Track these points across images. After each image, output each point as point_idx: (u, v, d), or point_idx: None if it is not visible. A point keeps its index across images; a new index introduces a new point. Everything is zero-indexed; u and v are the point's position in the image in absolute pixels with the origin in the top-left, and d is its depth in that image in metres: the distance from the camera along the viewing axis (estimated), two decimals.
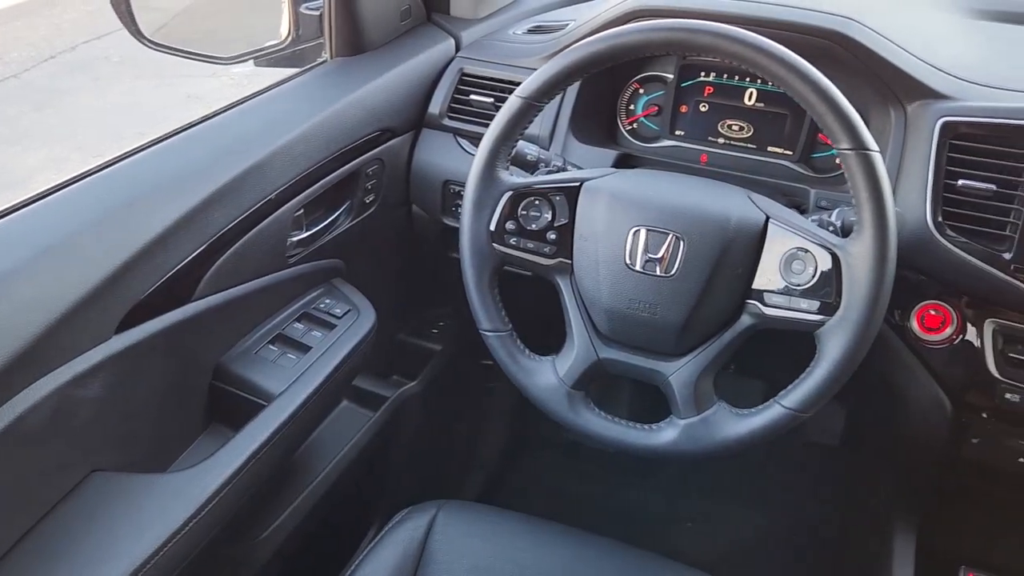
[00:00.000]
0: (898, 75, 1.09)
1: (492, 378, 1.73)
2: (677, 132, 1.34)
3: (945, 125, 1.05)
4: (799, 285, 0.94)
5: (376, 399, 1.51)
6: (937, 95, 1.08)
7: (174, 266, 0.99)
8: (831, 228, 0.99)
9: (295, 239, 1.22)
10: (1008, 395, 1.04)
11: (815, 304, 0.93)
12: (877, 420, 1.40)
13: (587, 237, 1.02)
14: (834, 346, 0.92)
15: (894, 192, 1.08)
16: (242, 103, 1.21)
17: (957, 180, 1.03)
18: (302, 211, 1.21)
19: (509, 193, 1.04)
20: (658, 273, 0.98)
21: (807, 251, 0.94)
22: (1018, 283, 0.99)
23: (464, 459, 1.94)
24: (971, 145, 1.04)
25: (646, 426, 1.02)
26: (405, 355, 1.65)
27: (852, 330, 0.90)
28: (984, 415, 1.09)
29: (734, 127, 1.30)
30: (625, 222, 0.99)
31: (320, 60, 1.35)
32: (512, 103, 1.02)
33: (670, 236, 0.97)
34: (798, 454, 1.96)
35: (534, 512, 1.92)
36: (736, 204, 0.98)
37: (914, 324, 1.08)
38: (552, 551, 1.13)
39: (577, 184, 1.04)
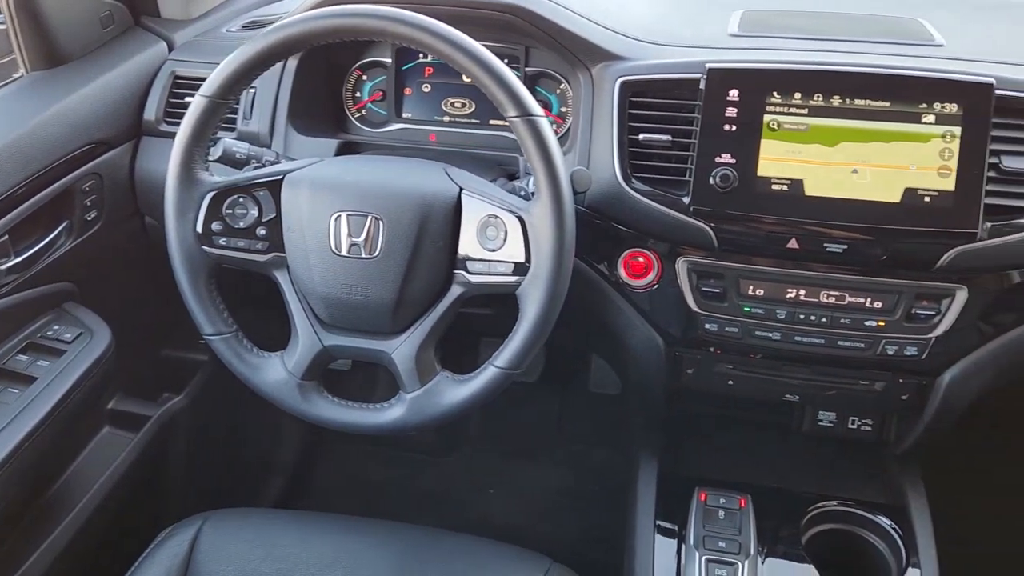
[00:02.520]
0: (577, 41, 1.16)
1: None
2: (404, 115, 1.36)
3: (623, 84, 1.12)
4: (494, 250, 0.99)
5: (138, 420, 1.46)
6: (616, 57, 1.15)
7: None
8: (522, 193, 1.04)
9: (3, 267, 1.15)
10: (707, 325, 1.14)
11: (509, 266, 0.98)
12: (611, 362, 1.50)
13: (294, 228, 1.03)
14: (531, 304, 0.97)
15: (588, 150, 1.15)
16: None
17: (639, 134, 1.11)
18: (7, 237, 1.15)
19: (210, 194, 1.03)
20: (363, 256, 1.00)
21: (498, 217, 0.98)
22: (698, 223, 1.08)
23: (260, 466, 1.91)
24: (648, 100, 1.12)
25: (377, 405, 1.05)
26: (171, 370, 1.60)
27: (544, 287, 0.96)
28: (692, 347, 1.18)
29: (456, 104, 1.34)
30: (326, 209, 1.01)
31: (16, 76, 1.28)
32: (197, 103, 1.01)
33: (369, 218, 0.99)
34: (587, 406, 2.06)
35: (342, 507, 1.93)
36: (430, 180, 1.02)
37: (621, 272, 1.16)
38: (321, 542, 1.14)
39: (279, 177, 1.04)
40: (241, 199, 1.04)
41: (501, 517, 1.90)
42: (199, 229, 1.03)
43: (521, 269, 0.98)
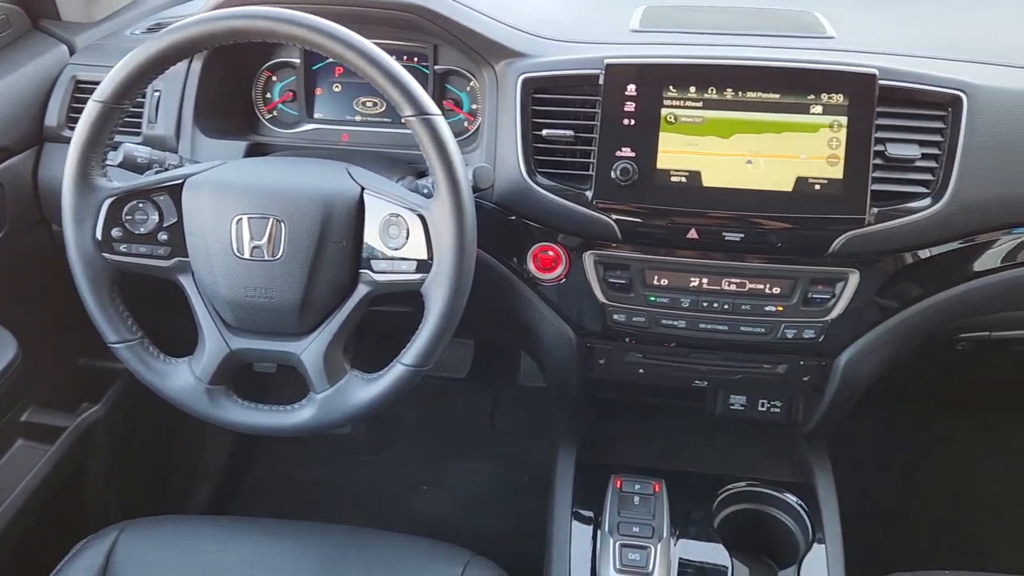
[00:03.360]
0: (479, 39, 1.17)
1: None
2: (316, 115, 1.36)
3: (525, 81, 1.13)
4: (397, 249, 1.00)
5: (54, 431, 1.43)
6: (517, 54, 1.17)
7: None
8: (425, 192, 1.05)
9: None
10: (615, 316, 1.16)
11: (413, 264, 0.99)
12: (529, 354, 1.52)
13: (196, 233, 1.02)
14: (436, 300, 0.98)
15: (494, 147, 1.16)
16: None
17: (542, 130, 1.12)
18: None
19: (109, 200, 1.02)
20: (266, 258, 1.00)
21: (399, 216, 0.99)
22: (601, 216, 1.10)
23: (188, 472, 1.89)
24: (550, 96, 1.13)
25: (288, 407, 1.05)
26: (89, 380, 1.57)
27: (447, 283, 0.97)
28: (602, 338, 1.21)
29: (368, 104, 1.34)
30: (227, 212, 1.00)
31: None
32: (90, 109, 0.99)
33: (271, 220, 0.99)
34: (518, 400, 2.08)
35: (274, 510, 1.92)
36: (332, 180, 1.02)
37: (531, 266, 1.18)
38: (242, 547, 1.14)
39: (179, 181, 1.03)
40: (141, 204, 1.03)
41: (433, 513, 1.91)
42: (98, 236, 1.02)
43: (424, 266, 0.99)
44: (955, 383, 1.54)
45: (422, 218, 0.98)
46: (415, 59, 1.31)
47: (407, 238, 0.99)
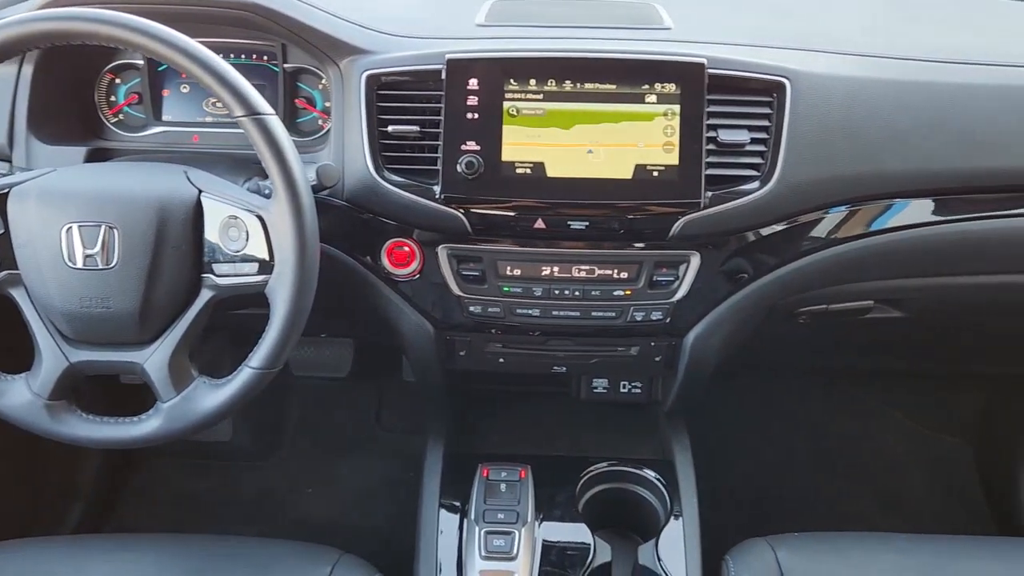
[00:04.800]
0: (320, 36, 1.16)
1: None
2: (165, 117, 1.32)
3: (368, 77, 1.13)
4: (238, 251, 0.98)
5: None
6: (361, 51, 1.16)
7: None
8: (266, 192, 1.04)
9: None
10: (471, 308, 1.18)
11: (255, 266, 0.98)
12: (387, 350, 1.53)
13: (25, 244, 0.99)
14: (280, 301, 0.98)
15: (342, 144, 1.16)
16: None
17: (388, 126, 1.13)
18: None
19: None
20: (100, 266, 0.97)
21: (238, 218, 0.98)
22: (450, 210, 1.11)
23: (59, 490, 1.82)
24: (394, 93, 1.14)
25: (133, 418, 1.03)
26: None
27: (290, 284, 0.97)
28: (460, 329, 1.22)
29: (218, 104, 1.32)
30: (56, 221, 0.97)
31: None
32: None
33: (103, 227, 0.97)
34: (403, 395, 2.08)
35: (154, 524, 1.86)
36: (168, 183, 1.00)
37: (385, 262, 1.18)
38: (99, 566, 1.11)
39: (3, 191, 0.99)
40: None
41: (320, 515, 1.90)
42: None
43: (266, 268, 0.98)
44: (805, 354, 1.62)
45: (261, 219, 0.97)
46: (264, 57, 1.29)
47: (247, 240, 0.98)
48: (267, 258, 0.98)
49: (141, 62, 1.30)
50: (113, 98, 1.33)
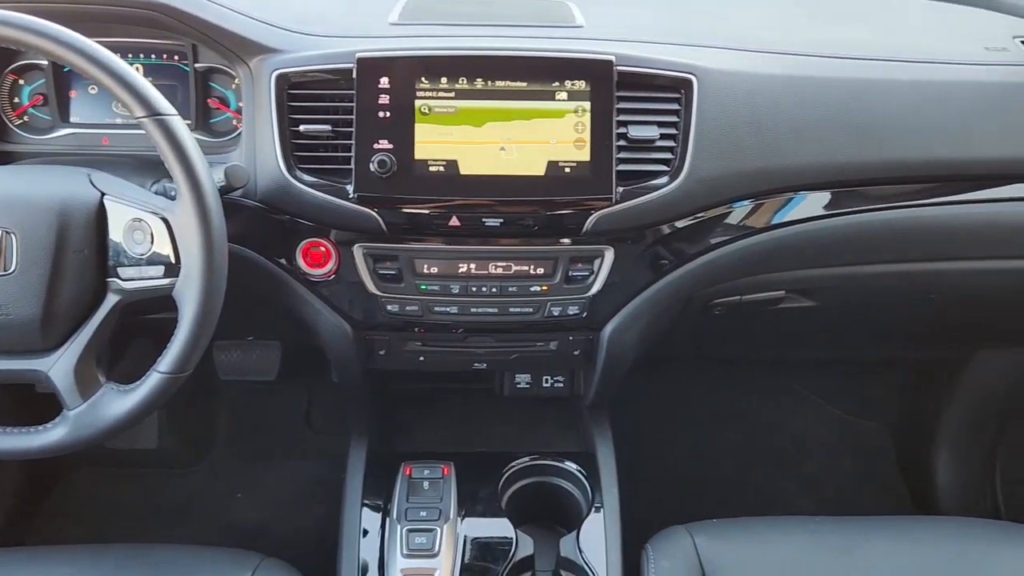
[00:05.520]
0: (228, 36, 1.15)
1: None
2: (73, 119, 1.29)
3: (278, 77, 1.12)
4: (143, 254, 0.97)
5: None
6: (270, 50, 1.15)
7: None
8: (172, 194, 1.03)
9: None
10: (389, 307, 1.18)
11: (160, 269, 0.97)
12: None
13: None
14: (188, 304, 0.96)
15: (253, 144, 1.15)
16: None
17: (300, 126, 1.12)
18: None
19: None
20: None
21: (142, 220, 0.96)
22: (364, 210, 1.11)
23: None
24: (306, 92, 1.13)
25: (38, 427, 1.00)
26: None
27: (198, 286, 0.95)
28: (378, 329, 1.22)
29: None
30: None
31: None
32: None
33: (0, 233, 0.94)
34: (333, 396, 2.07)
35: (78, 536, 1.82)
36: (69, 187, 0.98)
37: (301, 262, 1.17)
38: None
39: None
40: None
41: (250, 520, 1.87)
42: None
43: (173, 270, 0.96)
44: (725, 345, 1.66)
45: (166, 221, 0.96)
46: (175, 57, 1.27)
47: (152, 242, 0.96)
48: (173, 260, 0.96)
49: (45, 62, 1.27)
50: (17, 100, 1.29)
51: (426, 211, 1.11)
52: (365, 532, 1.21)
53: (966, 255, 1.26)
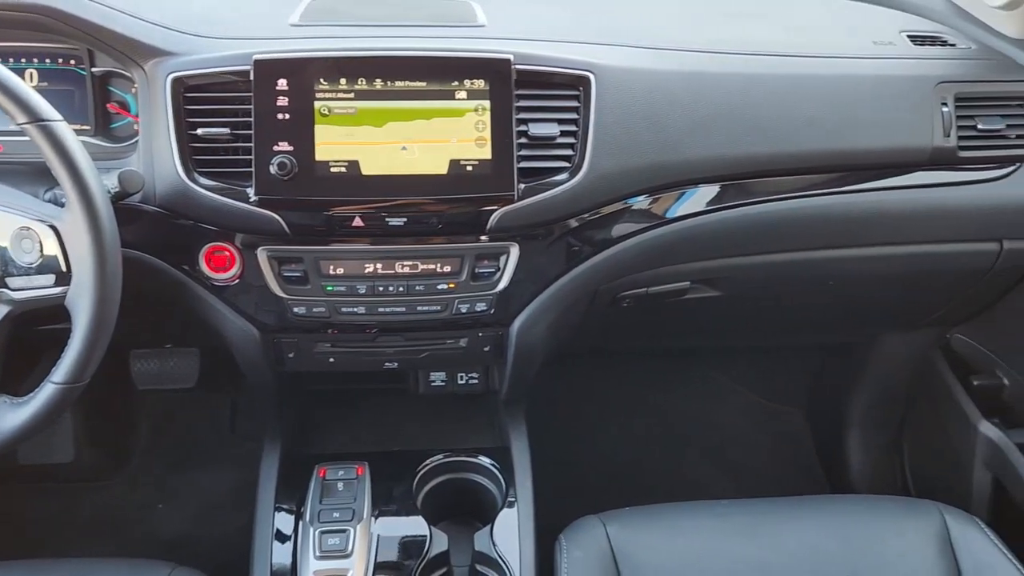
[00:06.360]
0: (120, 39, 1.13)
1: None
2: None
3: (174, 80, 1.11)
4: (32, 263, 0.95)
5: None
6: (165, 53, 1.14)
7: None
8: (63, 201, 1.01)
9: None
10: (295, 309, 1.17)
11: (51, 278, 0.95)
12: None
13: None
14: (81, 313, 0.95)
15: (151, 149, 1.13)
16: None
17: (198, 129, 1.11)
18: None
19: None
20: None
21: (30, 228, 0.95)
22: (266, 212, 1.10)
23: None
24: (203, 95, 1.12)
25: None
26: None
27: (90, 294, 0.94)
28: (286, 331, 1.22)
29: None
30: None
31: None
32: None
33: None
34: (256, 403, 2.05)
35: None
36: None
37: (204, 267, 1.16)
38: None
39: None
40: None
41: (170, 531, 1.84)
42: None
43: (64, 279, 0.95)
44: (639, 336, 1.69)
45: (54, 228, 0.94)
46: (72, 62, 1.24)
47: (41, 251, 0.94)
48: (64, 269, 0.94)
49: None
50: None
51: (329, 212, 1.11)
52: (280, 536, 1.20)
53: (857, 242, 1.31)
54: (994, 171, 1.29)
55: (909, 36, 1.39)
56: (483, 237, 1.16)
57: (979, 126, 1.28)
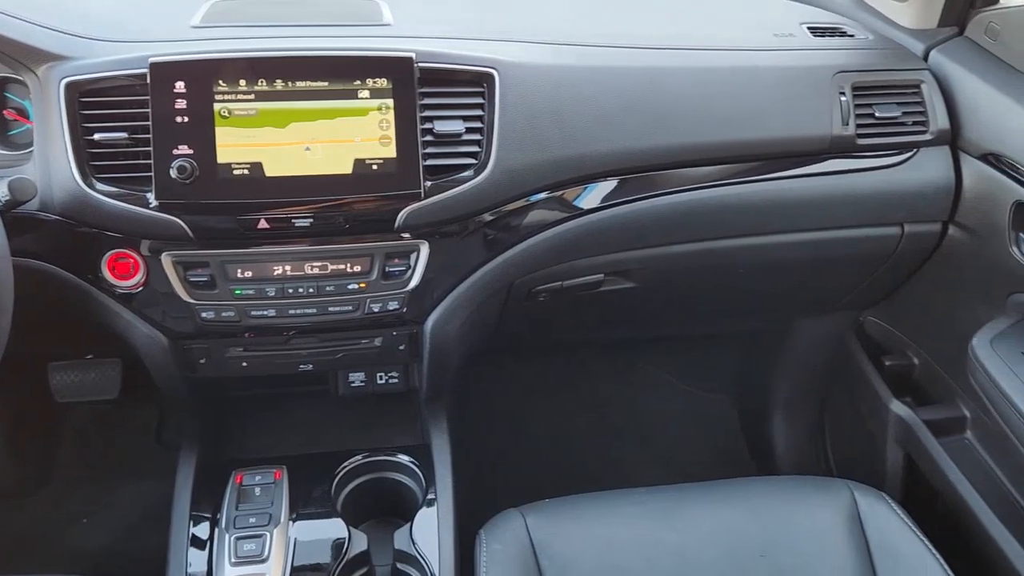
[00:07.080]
0: (8, 43, 1.10)
1: None
2: None
3: (68, 85, 1.08)
4: None
5: None
6: (58, 57, 1.11)
7: None
8: None
9: None
10: (204, 314, 1.16)
11: None
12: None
13: None
14: None
15: (47, 156, 1.11)
16: None
17: (95, 134, 1.08)
18: None
19: None
20: None
21: None
22: (168, 217, 1.09)
23: None
24: (100, 100, 1.10)
25: None
26: None
27: None
28: (196, 337, 1.20)
29: None
30: None
31: None
32: None
33: None
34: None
35: None
36: None
37: (107, 275, 1.14)
38: None
39: None
40: None
41: (95, 545, 1.80)
42: None
43: None
44: (562, 329, 1.70)
45: None
46: None
47: None
48: None
49: None
50: None
51: (233, 215, 1.10)
52: (196, 543, 1.19)
53: (763, 230, 1.34)
54: (892, 157, 1.33)
55: (809, 28, 1.43)
56: (392, 236, 1.16)
57: (876, 114, 1.31)
